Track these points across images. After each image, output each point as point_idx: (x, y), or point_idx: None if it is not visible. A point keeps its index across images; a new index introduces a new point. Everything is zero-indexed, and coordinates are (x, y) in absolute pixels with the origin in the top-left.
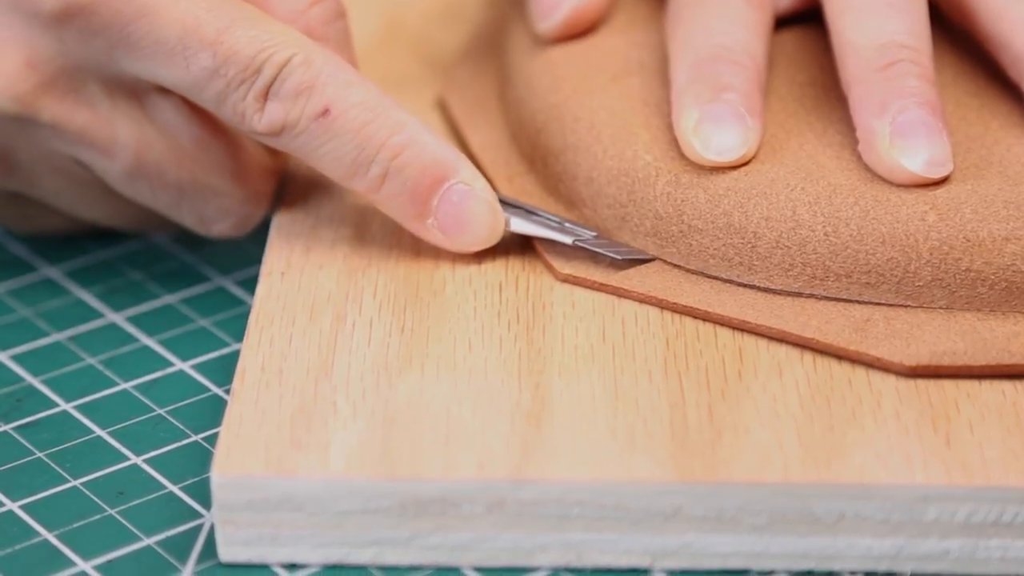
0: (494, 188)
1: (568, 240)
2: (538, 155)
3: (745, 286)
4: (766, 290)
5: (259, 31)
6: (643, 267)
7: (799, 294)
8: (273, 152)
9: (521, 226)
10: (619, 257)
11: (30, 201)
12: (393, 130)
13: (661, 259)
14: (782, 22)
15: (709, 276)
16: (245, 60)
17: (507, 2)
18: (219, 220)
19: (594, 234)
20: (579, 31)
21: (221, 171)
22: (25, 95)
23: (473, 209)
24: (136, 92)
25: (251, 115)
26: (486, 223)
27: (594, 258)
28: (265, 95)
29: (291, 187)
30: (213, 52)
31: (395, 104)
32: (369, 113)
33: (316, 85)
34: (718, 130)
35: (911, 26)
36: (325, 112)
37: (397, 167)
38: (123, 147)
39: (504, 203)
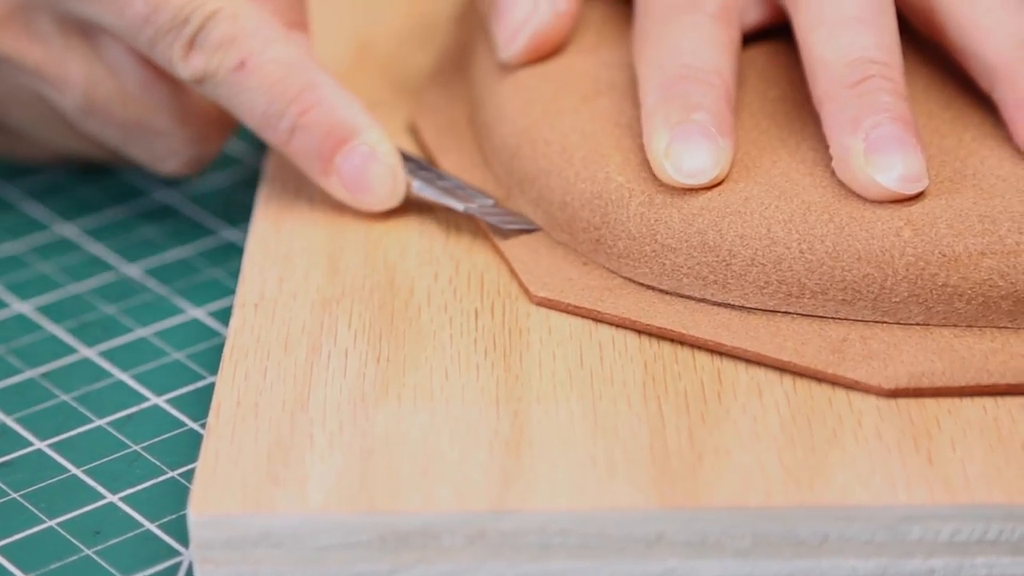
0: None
1: (460, 207)
2: (514, 181)
3: (720, 305)
4: (741, 308)
5: None
6: (617, 289)
7: (775, 312)
8: None
9: (423, 190)
10: (504, 227)
11: (11, 131)
12: (303, 88)
13: (633, 280)
14: (751, 37)
15: (683, 296)
16: (174, 9)
17: (475, 23)
18: (167, 159)
19: (492, 202)
20: (542, 56)
21: (166, 112)
22: None
23: (373, 171)
24: (88, 32)
25: (177, 62)
26: (386, 185)
27: (570, 280)
28: (191, 44)
29: (262, 216)
30: (144, 1)
31: (314, 65)
32: (283, 70)
33: (238, 38)
34: (689, 151)
35: (881, 41)
36: (241, 65)
37: (304, 124)
38: (73, 84)
39: (415, 166)
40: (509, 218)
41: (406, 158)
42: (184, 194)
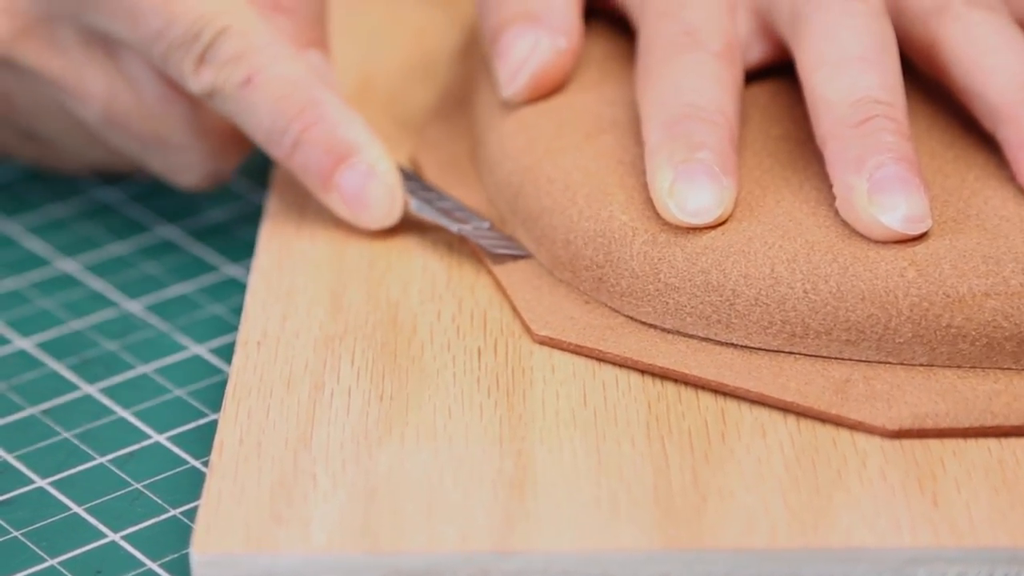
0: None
1: (454, 228)
2: (518, 219)
3: (723, 344)
4: (744, 348)
5: (203, 0)
6: (619, 328)
7: (778, 352)
8: None
9: (421, 210)
10: (494, 251)
11: (40, 140)
12: (305, 106)
13: (635, 319)
14: (753, 75)
15: (686, 335)
16: (186, 25)
17: (477, 60)
18: (184, 172)
19: (487, 225)
20: (544, 94)
21: (183, 127)
22: (5, 40)
23: (372, 189)
24: (108, 45)
25: (188, 76)
26: (384, 203)
27: (571, 319)
28: (201, 59)
29: (265, 253)
30: (159, 15)
31: (318, 84)
32: (288, 87)
33: (245, 55)
34: (693, 191)
35: (884, 80)
36: (248, 80)
37: (305, 140)
38: (93, 96)
39: (415, 186)
40: (502, 242)
41: (407, 177)
42: (186, 230)
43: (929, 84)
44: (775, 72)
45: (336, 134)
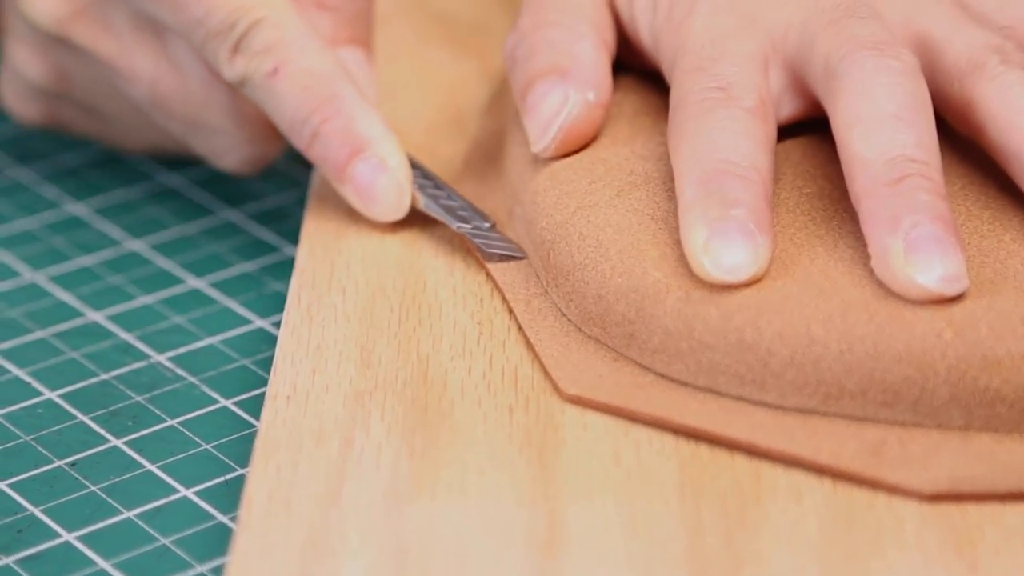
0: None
1: (454, 226)
2: (550, 276)
3: (755, 404)
4: (777, 408)
5: None
6: (648, 386)
7: (812, 412)
8: None
9: (428, 206)
10: (487, 250)
11: (104, 118)
12: (326, 99)
13: (666, 376)
14: (785, 130)
15: (718, 393)
16: (224, 13)
17: (506, 115)
18: (225, 155)
19: (488, 225)
20: (575, 148)
21: (223, 112)
22: (61, 19)
23: (381, 182)
24: (157, 29)
25: (223, 63)
26: (391, 198)
27: (600, 376)
28: (236, 48)
29: (294, 306)
30: (200, 4)
31: (342, 78)
32: (311, 79)
33: (276, 46)
34: (728, 248)
35: (920, 139)
36: (275, 71)
37: (323, 132)
38: (141, 77)
39: (428, 183)
40: (497, 244)
41: (423, 175)
42: (213, 281)
43: (964, 143)
44: (807, 127)
45: (352, 128)
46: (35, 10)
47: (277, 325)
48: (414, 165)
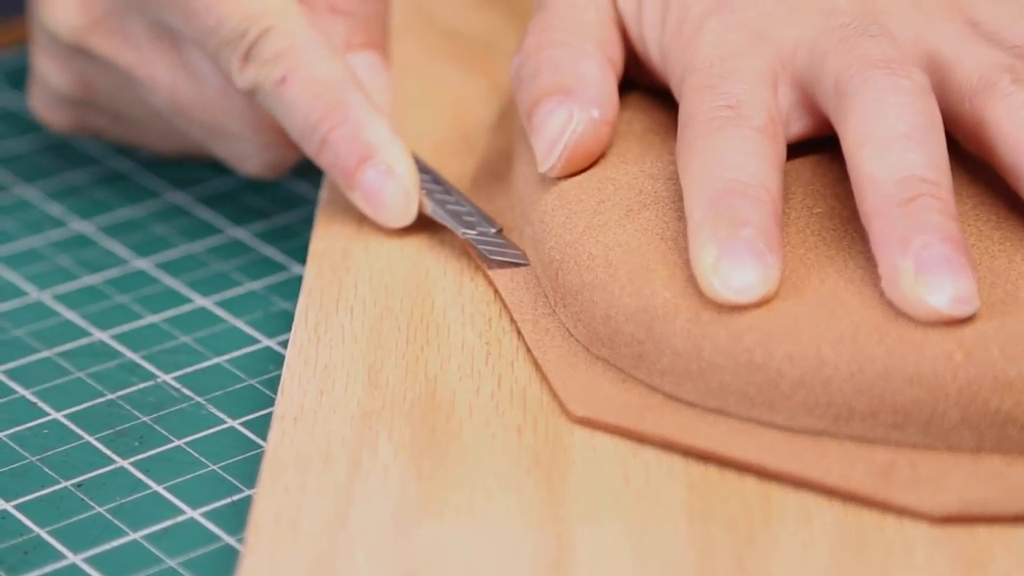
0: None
1: (459, 231)
2: (559, 296)
3: (765, 425)
4: (786, 429)
5: (253, 0)
6: (657, 408)
7: (821, 434)
8: None
9: (434, 211)
10: (490, 256)
11: (129, 122)
12: (335, 106)
13: (675, 397)
14: (793, 148)
15: (727, 415)
16: (235, 22)
17: (514, 130)
18: (246, 161)
19: (493, 231)
20: (582, 167)
21: (241, 118)
22: (79, 29)
23: (388, 189)
24: (174, 38)
25: (235, 72)
26: (399, 204)
27: (608, 398)
28: (246, 56)
29: (301, 327)
30: (211, 13)
31: (350, 85)
32: (319, 87)
33: (285, 54)
34: (738, 268)
35: (931, 159)
36: (283, 79)
37: (332, 139)
38: (160, 85)
39: (437, 189)
40: (501, 250)
41: (433, 180)
42: (220, 300)
43: (975, 163)
44: (816, 146)
45: (360, 135)
46: (54, 20)
47: (284, 344)
48: (423, 170)
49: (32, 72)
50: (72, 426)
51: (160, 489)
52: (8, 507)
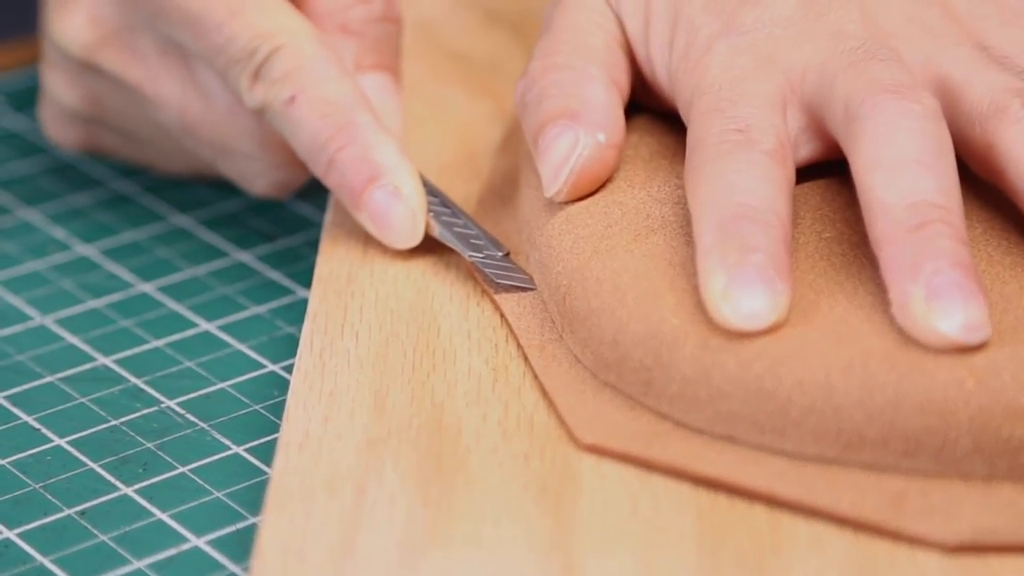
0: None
1: (466, 254)
2: (566, 321)
3: (774, 453)
4: (796, 457)
5: (264, 19)
6: (665, 435)
7: (831, 462)
8: None
9: (440, 234)
10: (497, 280)
11: (139, 141)
12: (342, 127)
13: (683, 424)
14: (802, 171)
15: (736, 442)
16: (244, 41)
17: (520, 154)
18: (254, 180)
19: (500, 255)
20: (587, 191)
21: (249, 138)
22: (89, 45)
23: (396, 210)
24: (183, 55)
25: (244, 91)
26: (406, 226)
27: (616, 425)
28: (256, 75)
29: (307, 352)
30: (221, 31)
31: (358, 106)
32: (327, 108)
33: (293, 74)
34: (747, 295)
35: (941, 184)
36: (292, 99)
37: (339, 159)
38: (169, 103)
39: (445, 212)
40: (508, 274)
41: (442, 203)
42: (224, 325)
43: (984, 187)
44: (825, 170)
45: (367, 156)
46: (64, 37)
47: (289, 369)
48: (431, 192)
49: (42, 89)
50: (75, 453)
51: (164, 517)
52: (11, 535)
